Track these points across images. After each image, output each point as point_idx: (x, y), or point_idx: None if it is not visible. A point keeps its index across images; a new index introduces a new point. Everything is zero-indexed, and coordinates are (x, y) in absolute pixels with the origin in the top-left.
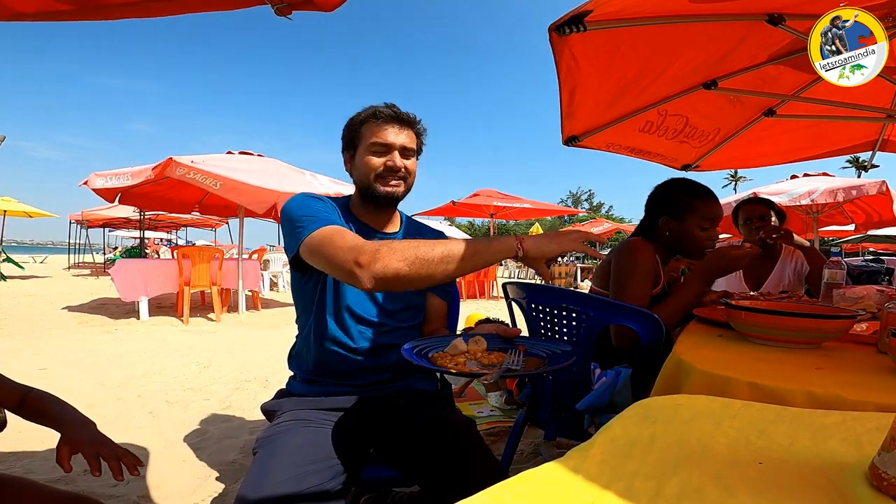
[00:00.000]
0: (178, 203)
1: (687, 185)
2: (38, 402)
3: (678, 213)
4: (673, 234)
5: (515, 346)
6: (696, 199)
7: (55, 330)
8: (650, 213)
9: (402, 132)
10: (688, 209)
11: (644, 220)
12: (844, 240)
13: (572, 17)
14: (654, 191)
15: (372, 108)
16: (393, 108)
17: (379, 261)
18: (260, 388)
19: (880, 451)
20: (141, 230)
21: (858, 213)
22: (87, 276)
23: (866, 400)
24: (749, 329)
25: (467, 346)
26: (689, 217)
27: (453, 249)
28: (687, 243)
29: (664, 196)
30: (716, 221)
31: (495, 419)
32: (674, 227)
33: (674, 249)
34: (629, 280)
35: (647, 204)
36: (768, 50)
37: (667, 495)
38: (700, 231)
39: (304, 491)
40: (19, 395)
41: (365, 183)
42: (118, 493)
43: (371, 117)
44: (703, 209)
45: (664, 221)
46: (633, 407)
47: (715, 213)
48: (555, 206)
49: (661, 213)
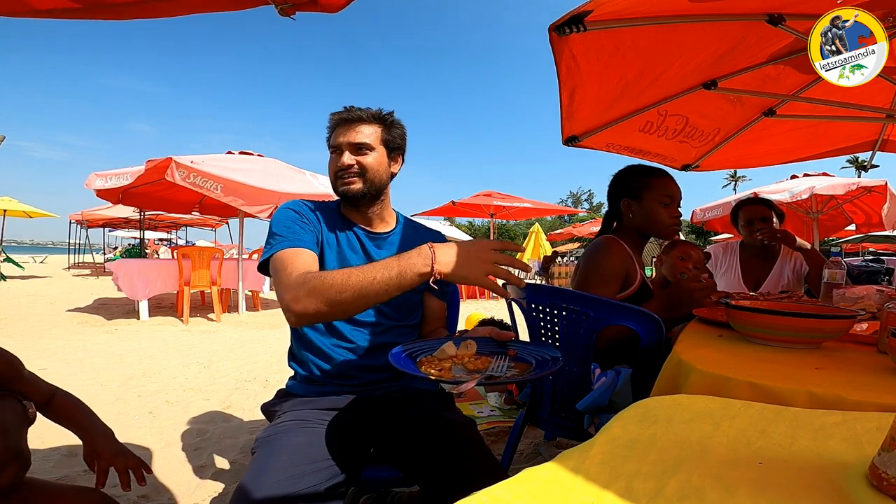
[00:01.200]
0: (178, 203)
1: (640, 167)
2: (66, 405)
3: (636, 194)
4: (636, 216)
5: (505, 350)
6: (650, 178)
7: (55, 330)
8: (612, 200)
9: (351, 130)
10: (645, 187)
11: (608, 212)
12: (844, 240)
13: (572, 17)
14: (611, 179)
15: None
16: (345, 109)
17: (300, 301)
18: (260, 389)
19: (880, 451)
20: (141, 230)
21: (858, 213)
22: (88, 276)
23: (866, 400)
24: (749, 329)
25: (457, 349)
26: (648, 195)
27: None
28: (652, 222)
29: (620, 181)
30: (675, 198)
31: (495, 419)
32: (635, 207)
33: (644, 234)
34: (589, 284)
35: (608, 194)
36: (768, 50)
37: (667, 495)
38: (662, 207)
39: (302, 491)
40: (47, 395)
41: (332, 184)
42: (119, 491)
43: (329, 122)
44: (658, 185)
45: (626, 204)
46: (633, 407)
47: (671, 189)
48: (555, 206)
49: (620, 197)
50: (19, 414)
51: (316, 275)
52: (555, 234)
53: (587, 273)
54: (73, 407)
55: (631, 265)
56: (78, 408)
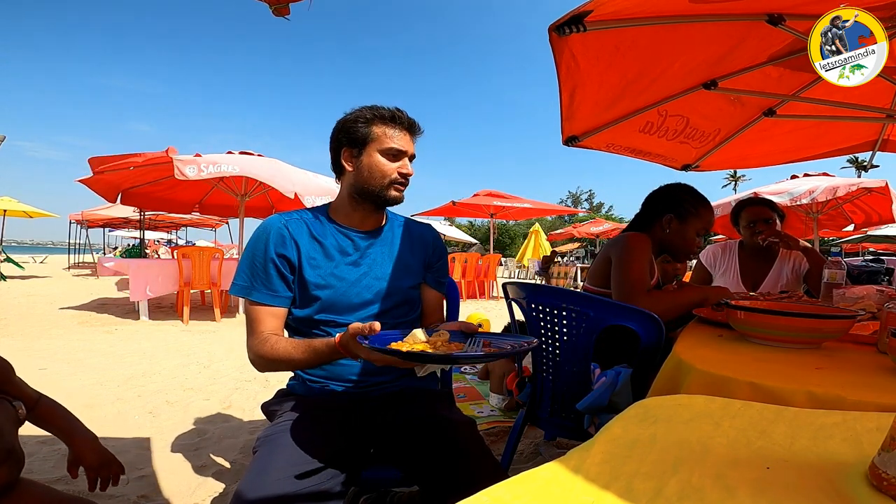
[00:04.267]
0: (178, 203)
1: (695, 192)
2: (49, 411)
3: (683, 216)
4: (672, 233)
5: (478, 338)
6: (700, 207)
7: (55, 330)
8: (653, 209)
9: (412, 140)
10: (694, 214)
11: (642, 215)
12: (844, 240)
13: (572, 17)
14: (664, 189)
15: (380, 109)
16: (404, 114)
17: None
18: (260, 388)
19: (880, 451)
20: (141, 230)
21: (858, 213)
22: (88, 276)
23: (866, 400)
24: (749, 329)
25: (430, 337)
26: (693, 221)
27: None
28: (680, 244)
29: (673, 196)
30: (708, 231)
31: (495, 419)
32: (675, 226)
33: (663, 248)
34: (632, 266)
35: (652, 200)
36: (768, 50)
37: (667, 495)
38: (696, 237)
39: (303, 490)
40: (33, 400)
41: (373, 185)
42: (118, 492)
43: (387, 120)
44: (705, 218)
45: (668, 219)
46: (633, 407)
47: (711, 222)
48: (555, 206)
49: (666, 211)
50: (11, 415)
51: (268, 348)
52: (555, 234)
53: (626, 258)
54: (56, 413)
55: (652, 261)
56: (61, 414)
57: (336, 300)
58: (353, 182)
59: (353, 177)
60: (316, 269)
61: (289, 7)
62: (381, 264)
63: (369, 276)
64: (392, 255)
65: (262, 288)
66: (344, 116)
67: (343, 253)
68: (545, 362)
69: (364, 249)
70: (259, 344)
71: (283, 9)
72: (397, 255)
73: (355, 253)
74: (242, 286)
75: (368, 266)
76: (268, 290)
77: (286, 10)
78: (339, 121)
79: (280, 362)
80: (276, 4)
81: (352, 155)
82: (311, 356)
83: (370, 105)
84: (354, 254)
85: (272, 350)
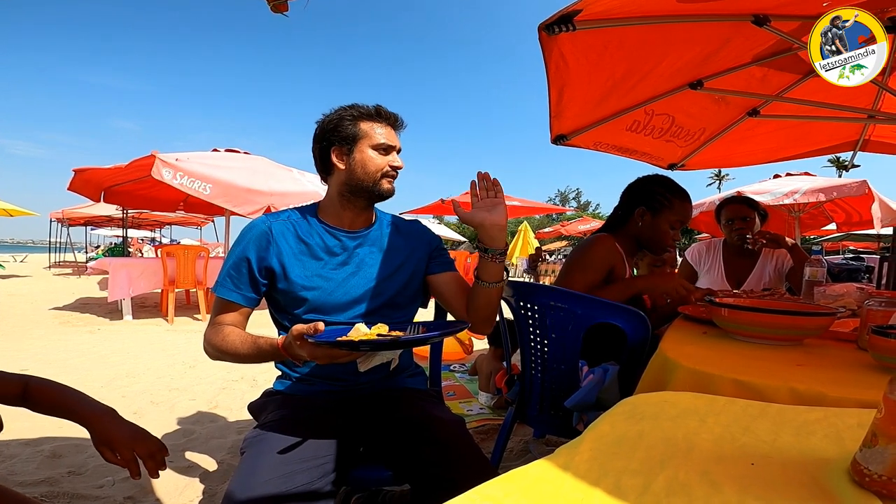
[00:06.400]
0: (162, 201)
1: (669, 183)
2: (42, 390)
3: (656, 208)
4: (644, 227)
5: (416, 326)
6: (675, 198)
7: (37, 330)
8: (627, 203)
9: (397, 134)
10: (666, 206)
11: (617, 210)
12: (825, 238)
13: (562, 16)
14: (636, 182)
15: (362, 107)
16: (386, 110)
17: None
18: (247, 388)
19: (862, 447)
20: (123, 228)
21: (839, 212)
22: (69, 275)
23: (847, 396)
24: (732, 326)
25: (370, 330)
26: (665, 213)
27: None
28: (654, 237)
29: (646, 189)
30: (684, 223)
31: (485, 417)
32: (647, 219)
33: (640, 243)
34: (572, 269)
35: (625, 194)
36: (753, 51)
37: (654, 491)
38: (669, 229)
39: (293, 490)
40: (20, 386)
41: (366, 180)
42: (104, 493)
43: (373, 116)
44: (679, 209)
45: (640, 212)
46: (620, 404)
47: (687, 215)
48: (543, 205)
49: (638, 203)
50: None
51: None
52: (543, 233)
53: (571, 261)
54: (55, 392)
55: (619, 262)
56: (61, 391)
57: (324, 301)
58: (346, 179)
59: (345, 174)
60: (302, 269)
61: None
62: (370, 264)
63: (357, 276)
64: (381, 255)
65: (229, 283)
66: (326, 117)
67: (330, 253)
68: (533, 360)
69: (352, 249)
70: (213, 333)
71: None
72: (386, 255)
73: (343, 253)
74: (217, 281)
75: (357, 266)
76: (234, 287)
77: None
78: (322, 122)
79: (227, 354)
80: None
81: (342, 153)
82: (254, 353)
83: (349, 104)
84: (342, 254)
85: (222, 341)
